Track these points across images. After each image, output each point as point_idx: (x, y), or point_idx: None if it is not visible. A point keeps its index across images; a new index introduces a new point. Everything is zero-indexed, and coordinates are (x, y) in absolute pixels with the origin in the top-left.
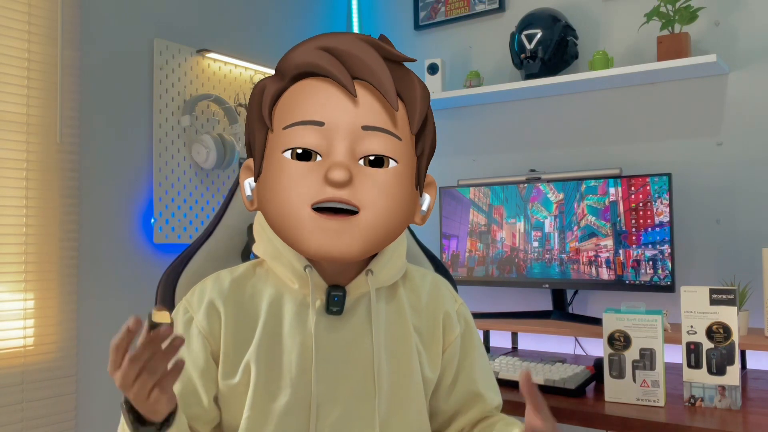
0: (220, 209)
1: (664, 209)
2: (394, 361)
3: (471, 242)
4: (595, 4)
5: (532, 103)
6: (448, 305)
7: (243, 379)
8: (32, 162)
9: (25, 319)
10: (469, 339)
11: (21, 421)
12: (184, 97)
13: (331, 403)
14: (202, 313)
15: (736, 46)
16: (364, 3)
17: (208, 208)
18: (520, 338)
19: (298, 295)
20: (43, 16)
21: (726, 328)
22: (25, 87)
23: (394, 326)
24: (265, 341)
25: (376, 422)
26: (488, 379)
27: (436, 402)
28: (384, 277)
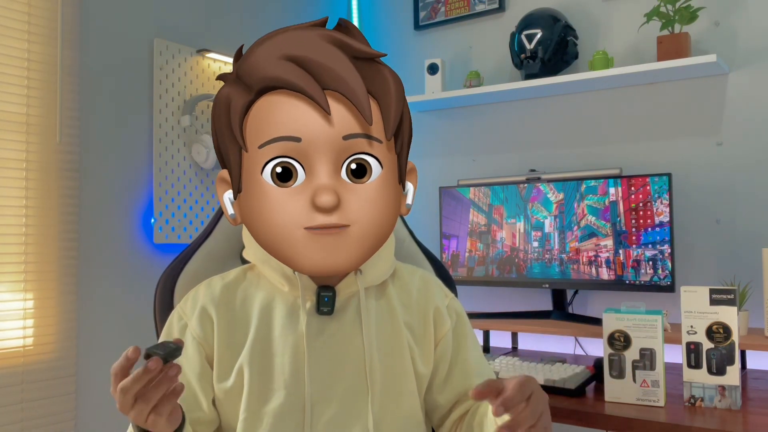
0: (219, 210)
1: (664, 209)
2: (387, 359)
3: (471, 242)
4: (595, 4)
5: (532, 103)
6: (438, 300)
7: (237, 382)
8: (32, 162)
9: (25, 319)
10: (462, 332)
11: (21, 420)
12: (184, 97)
13: (325, 402)
14: (195, 319)
15: (736, 46)
16: (364, 3)
17: (208, 208)
18: (520, 338)
19: (289, 298)
20: (43, 16)
21: (726, 328)
22: (25, 87)
23: (384, 324)
24: (258, 344)
25: (369, 420)
26: (484, 371)
27: (432, 397)
28: (373, 276)
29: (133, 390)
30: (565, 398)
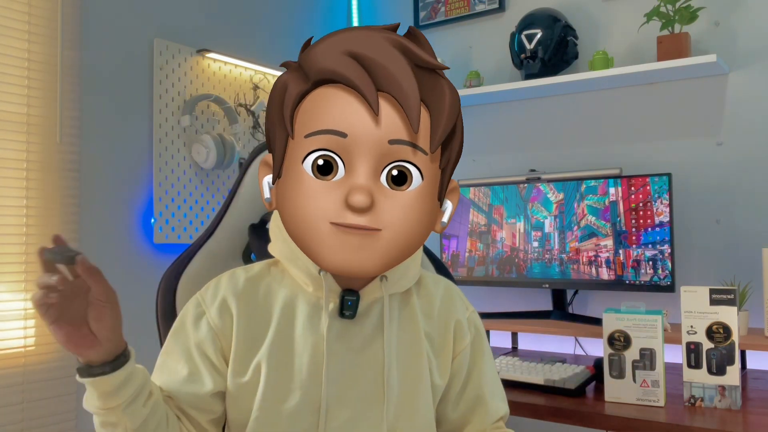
0: (221, 209)
1: (664, 209)
2: (405, 368)
3: (471, 242)
4: (595, 4)
5: (532, 103)
6: (459, 313)
7: (253, 378)
8: (32, 162)
9: (26, 319)
10: (479, 347)
11: (21, 421)
12: (184, 97)
13: (340, 406)
14: (215, 310)
15: (736, 46)
16: (364, 3)
17: (208, 208)
18: (520, 338)
19: (312, 298)
20: (43, 16)
21: (726, 328)
22: (25, 87)
23: (405, 332)
24: (277, 342)
25: (383, 427)
26: (496, 388)
27: (443, 410)
28: (398, 283)
29: (36, 298)
30: (565, 398)
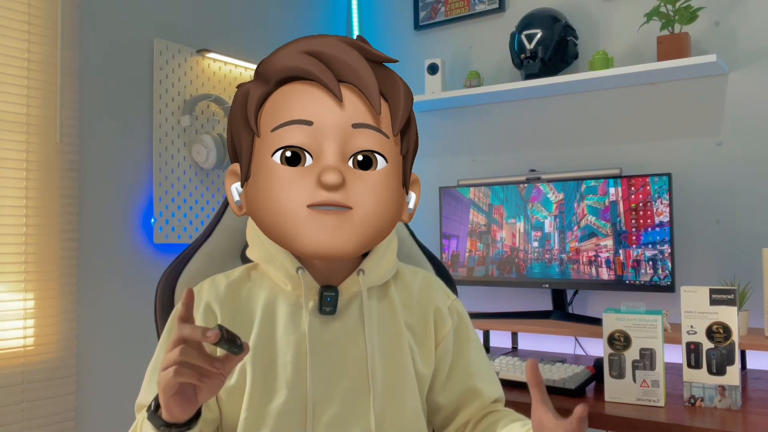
0: (220, 209)
1: (664, 209)
2: (388, 359)
3: (471, 242)
4: (595, 4)
5: (532, 103)
6: (439, 301)
7: (239, 381)
8: (32, 162)
9: (26, 319)
10: (464, 333)
11: (21, 421)
12: (184, 97)
13: (327, 402)
14: (199, 316)
15: (736, 46)
16: (364, 3)
17: (208, 208)
18: (520, 338)
19: (292, 297)
20: (43, 16)
21: (726, 328)
22: (25, 87)
23: (386, 324)
24: (260, 343)
25: (371, 420)
26: (486, 372)
27: (434, 397)
28: (375, 276)
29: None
30: (565, 398)
